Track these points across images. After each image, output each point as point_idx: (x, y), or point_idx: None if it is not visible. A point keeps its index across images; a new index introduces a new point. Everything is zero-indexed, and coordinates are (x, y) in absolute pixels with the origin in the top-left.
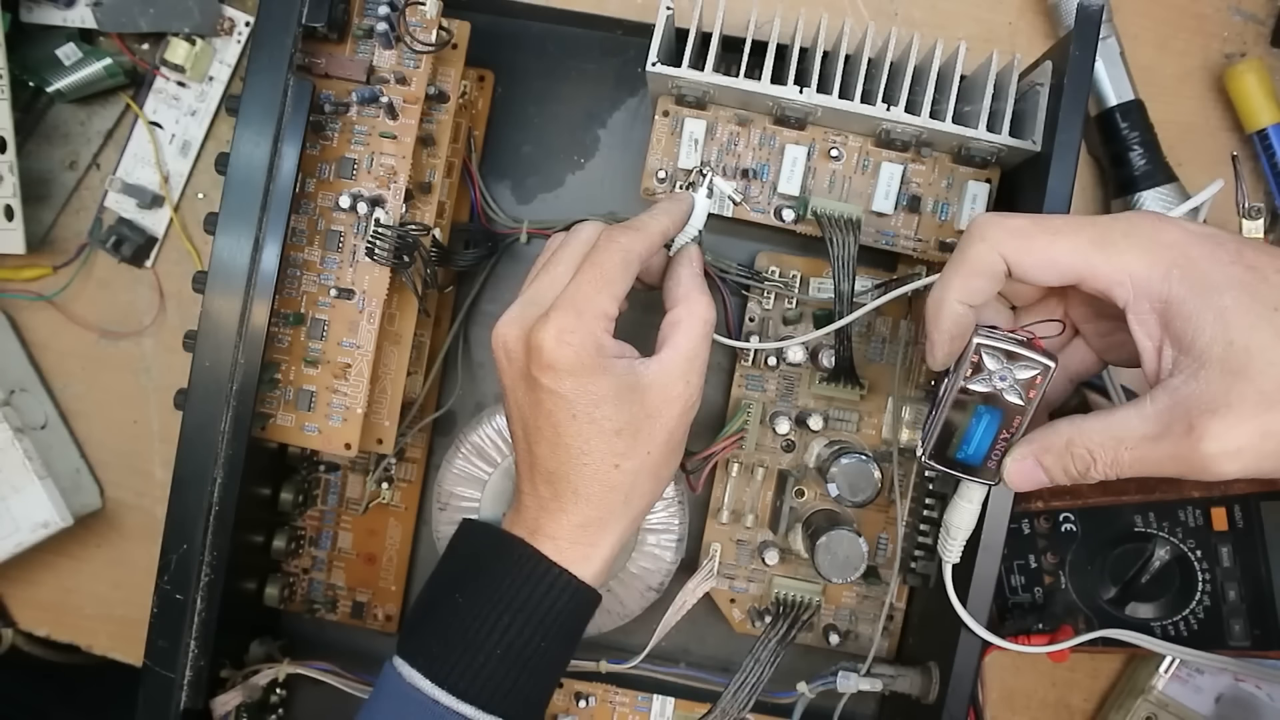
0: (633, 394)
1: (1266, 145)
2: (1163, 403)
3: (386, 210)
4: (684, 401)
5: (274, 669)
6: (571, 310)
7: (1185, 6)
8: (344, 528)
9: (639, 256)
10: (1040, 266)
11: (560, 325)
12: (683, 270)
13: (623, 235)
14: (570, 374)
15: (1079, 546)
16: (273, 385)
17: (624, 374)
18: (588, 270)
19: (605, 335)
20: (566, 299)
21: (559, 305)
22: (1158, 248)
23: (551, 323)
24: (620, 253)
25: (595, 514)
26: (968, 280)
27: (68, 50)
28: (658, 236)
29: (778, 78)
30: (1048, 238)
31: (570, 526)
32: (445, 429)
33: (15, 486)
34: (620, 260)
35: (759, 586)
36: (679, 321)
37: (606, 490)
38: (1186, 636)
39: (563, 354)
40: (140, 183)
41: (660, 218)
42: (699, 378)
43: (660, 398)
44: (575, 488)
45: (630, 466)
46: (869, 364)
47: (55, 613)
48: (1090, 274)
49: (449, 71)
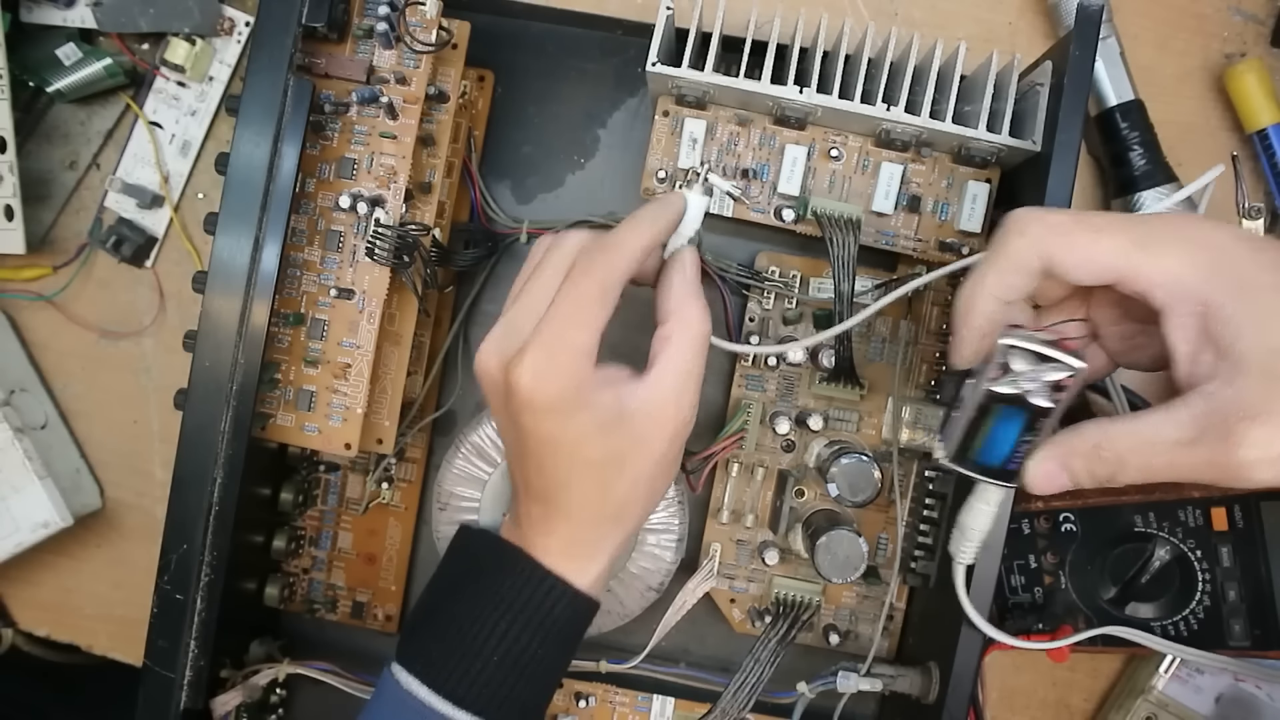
0: (619, 423)
1: (1266, 145)
2: (1198, 407)
3: (386, 210)
4: (675, 424)
5: (274, 669)
6: (544, 349)
7: (1185, 6)
8: (344, 528)
9: (619, 278)
10: (1080, 265)
11: (535, 365)
12: (675, 277)
13: (600, 256)
14: (548, 414)
15: (1079, 546)
16: (273, 385)
17: (608, 406)
18: (562, 302)
19: (584, 369)
20: (540, 335)
21: (533, 342)
22: (1201, 250)
23: (526, 362)
24: (596, 279)
25: (586, 534)
26: (1005, 276)
27: (68, 50)
28: (639, 251)
29: (778, 78)
30: (1090, 235)
31: (563, 542)
32: (445, 429)
33: (15, 486)
34: (596, 288)
35: (759, 586)
36: (669, 337)
37: (596, 514)
38: (1186, 636)
39: (539, 395)
40: (140, 183)
41: (642, 229)
42: (692, 396)
43: (649, 423)
44: (565, 512)
45: (619, 492)
46: (869, 364)
47: (55, 613)
48: (1131, 274)
49: (449, 71)
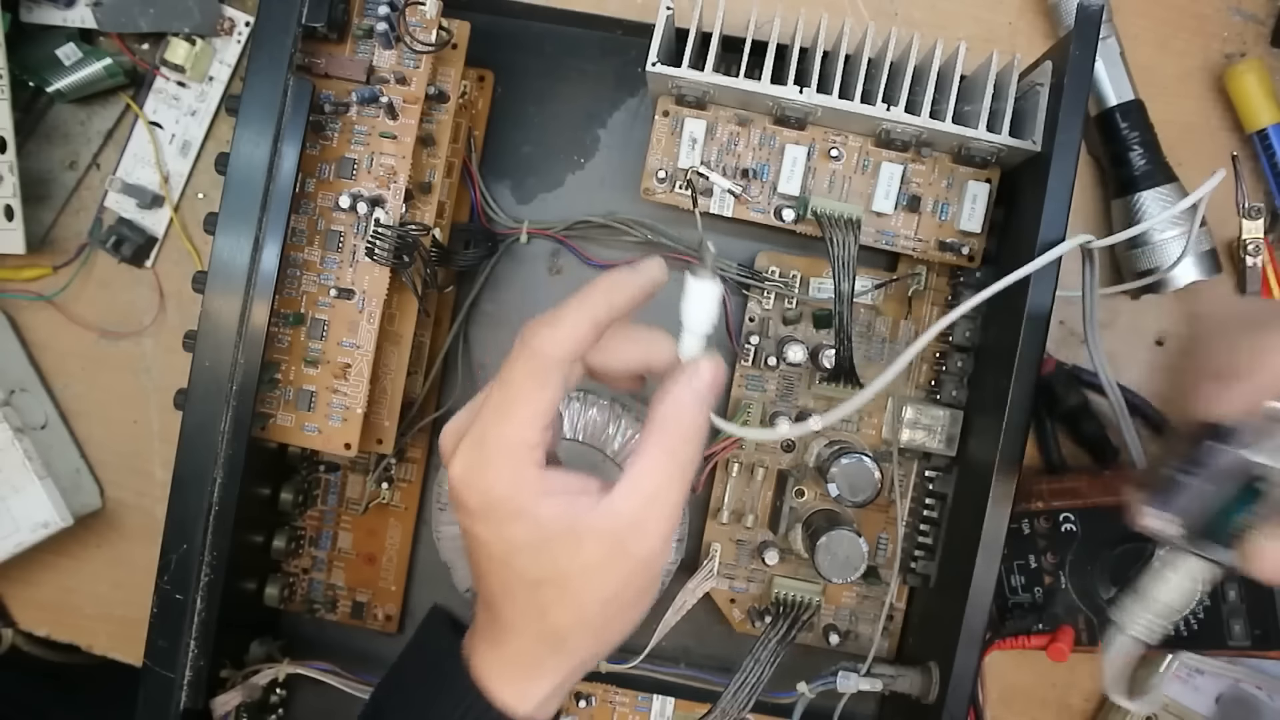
0: (563, 542)
1: (1266, 145)
2: None
3: (386, 210)
4: (633, 560)
5: (274, 669)
6: (475, 443)
7: (1185, 6)
8: (344, 528)
9: (553, 360)
10: None
11: (465, 462)
12: (676, 388)
13: (534, 332)
14: (480, 518)
15: (1079, 546)
16: (273, 385)
17: (550, 520)
18: (493, 388)
19: (519, 470)
20: (474, 426)
21: (469, 433)
22: None
23: (458, 457)
24: (523, 362)
25: (528, 654)
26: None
27: (68, 50)
28: (582, 328)
29: (778, 78)
30: None
31: (505, 660)
32: None
33: (15, 486)
34: (523, 371)
35: (759, 586)
36: (645, 450)
37: (535, 637)
38: (1186, 636)
39: (468, 496)
40: (140, 183)
41: (588, 301)
42: (660, 527)
43: (600, 552)
44: (505, 624)
45: (560, 620)
46: (869, 364)
47: (55, 613)
48: None
49: (449, 71)
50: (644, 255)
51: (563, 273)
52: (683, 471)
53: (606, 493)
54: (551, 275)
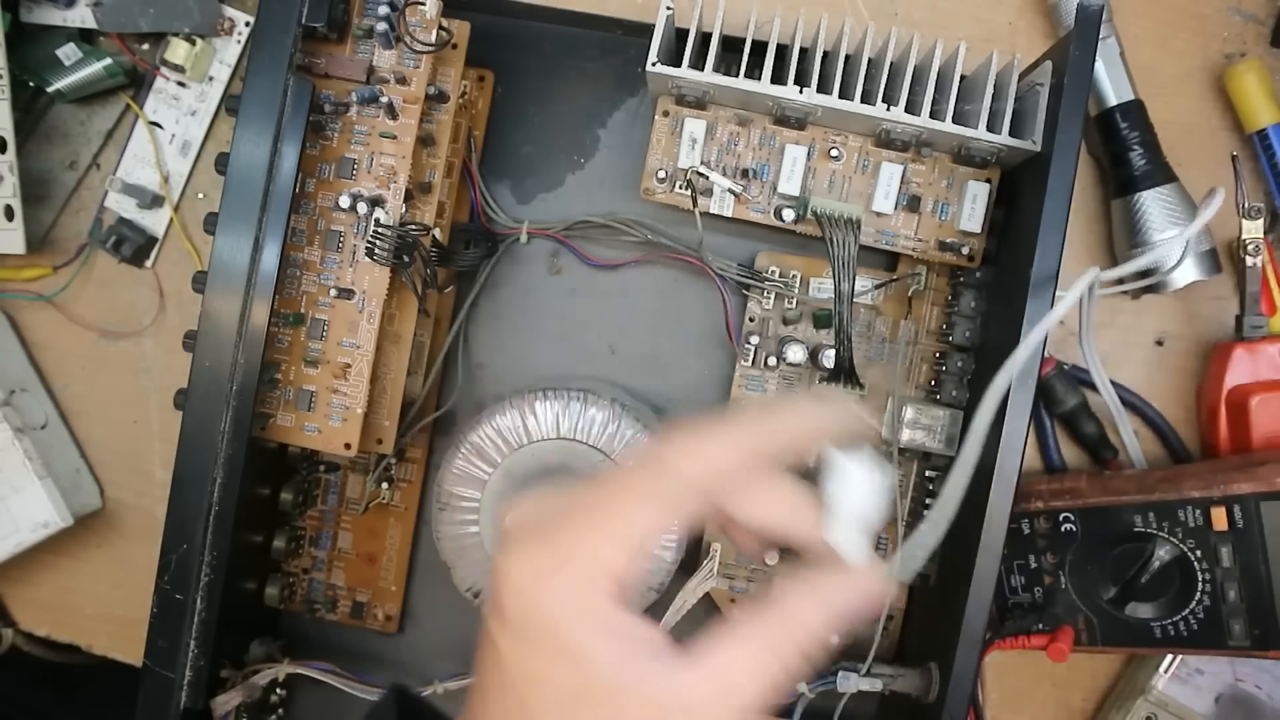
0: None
1: (1266, 145)
2: None
3: (386, 210)
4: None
5: (274, 669)
6: (545, 544)
7: (1185, 6)
8: (344, 528)
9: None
10: None
11: (528, 561)
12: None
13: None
14: (513, 632)
15: (1079, 546)
16: (273, 385)
17: (601, 667)
18: (595, 489)
19: (595, 596)
20: (554, 525)
21: (542, 529)
22: None
23: (519, 552)
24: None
25: None
26: None
27: (68, 50)
28: (732, 456)
29: (778, 78)
30: None
31: None
32: (445, 429)
33: (15, 486)
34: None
35: (759, 586)
36: (744, 639)
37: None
38: (1186, 636)
39: (511, 602)
40: (140, 183)
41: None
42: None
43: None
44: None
45: None
46: (869, 364)
47: (55, 613)
48: None
49: (449, 71)
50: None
51: (563, 273)
52: (775, 680)
53: (677, 656)
54: (551, 275)
